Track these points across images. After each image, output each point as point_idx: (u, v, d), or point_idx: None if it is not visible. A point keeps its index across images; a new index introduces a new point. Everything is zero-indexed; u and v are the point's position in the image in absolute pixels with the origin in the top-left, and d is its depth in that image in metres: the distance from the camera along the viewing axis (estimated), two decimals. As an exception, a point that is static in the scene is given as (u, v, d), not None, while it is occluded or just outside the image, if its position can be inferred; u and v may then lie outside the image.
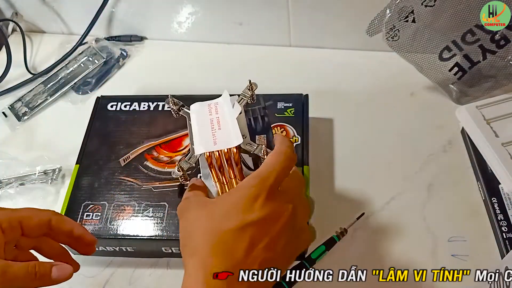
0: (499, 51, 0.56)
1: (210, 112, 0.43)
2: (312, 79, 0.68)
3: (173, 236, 0.49)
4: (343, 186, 0.56)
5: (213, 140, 0.41)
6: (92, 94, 0.70)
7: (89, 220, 0.51)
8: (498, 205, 0.50)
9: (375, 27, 0.57)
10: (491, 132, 0.54)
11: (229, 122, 0.42)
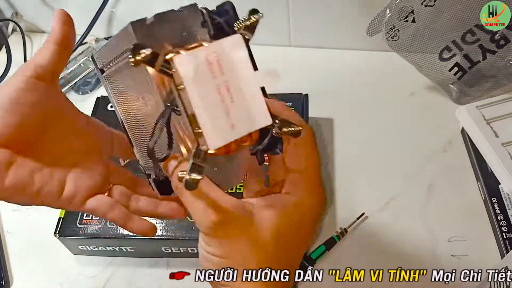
0: (499, 51, 0.56)
1: (213, 74, 0.26)
2: (312, 79, 0.68)
3: (173, 236, 0.49)
4: (343, 186, 0.56)
5: (230, 123, 0.26)
6: (92, 94, 0.70)
7: (89, 220, 0.50)
8: (498, 205, 0.50)
9: (375, 27, 0.57)
10: (491, 132, 0.54)
11: (243, 85, 0.27)
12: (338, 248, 0.50)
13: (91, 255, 0.52)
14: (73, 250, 0.53)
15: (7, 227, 0.57)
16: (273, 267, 0.31)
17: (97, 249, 0.51)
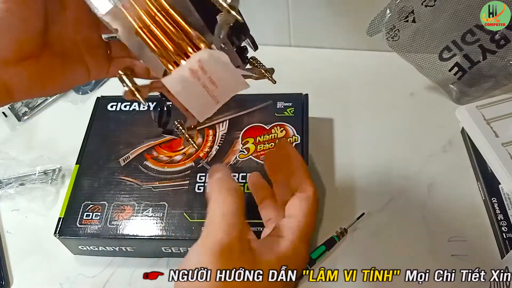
0: (499, 51, 0.56)
1: (197, 78, 0.31)
2: (312, 79, 0.68)
3: (173, 236, 0.49)
4: (343, 186, 0.55)
5: (215, 100, 0.33)
6: (92, 94, 0.70)
7: (89, 220, 0.51)
8: (498, 205, 0.50)
9: (375, 27, 0.57)
10: (491, 132, 0.54)
11: (224, 73, 0.32)
12: (338, 248, 0.50)
13: (91, 255, 0.52)
14: (73, 250, 0.53)
15: (7, 227, 0.57)
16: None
17: (97, 249, 0.51)
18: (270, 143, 0.54)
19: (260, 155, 0.53)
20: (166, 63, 0.31)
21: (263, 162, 0.51)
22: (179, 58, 0.31)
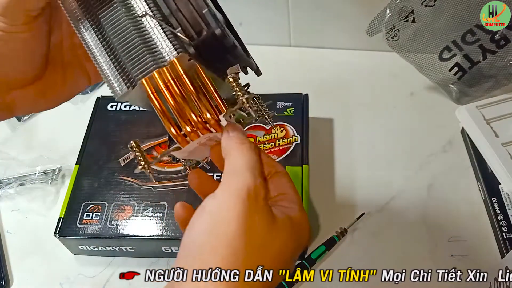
0: (499, 51, 0.56)
1: (203, 144, 0.33)
2: (312, 79, 0.68)
3: (172, 236, 0.49)
4: (343, 186, 0.55)
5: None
6: (92, 94, 0.70)
7: (89, 220, 0.50)
8: (498, 205, 0.50)
9: (375, 27, 0.57)
10: (491, 132, 0.54)
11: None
12: (338, 248, 0.50)
13: (91, 255, 0.52)
14: (73, 250, 0.53)
15: (7, 227, 0.57)
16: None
17: (97, 249, 0.51)
18: (270, 143, 0.54)
19: (260, 155, 0.53)
20: (169, 126, 0.31)
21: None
22: (183, 124, 0.30)
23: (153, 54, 0.28)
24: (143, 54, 0.28)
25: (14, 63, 0.31)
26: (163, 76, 0.29)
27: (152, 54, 0.28)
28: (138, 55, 0.28)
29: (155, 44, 0.28)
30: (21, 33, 0.30)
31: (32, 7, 0.29)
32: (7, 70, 0.32)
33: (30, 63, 0.32)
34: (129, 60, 0.28)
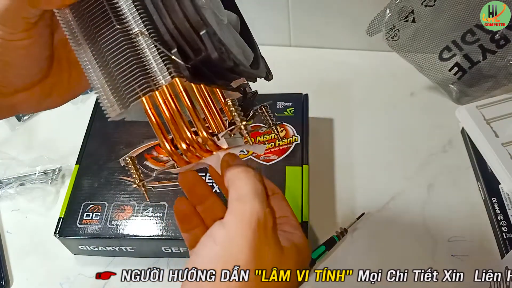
0: (499, 51, 0.56)
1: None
2: (312, 79, 0.68)
3: (172, 236, 0.49)
4: (343, 186, 0.56)
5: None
6: (92, 94, 0.70)
7: (89, 220, 0.50)
8: (498, 205, 0.50)
9: (375, 27, 0.57)
10: (491, 132, 0.54)
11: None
12: (338, 248, 0.50)
13: (91, 255, 0.52)
14: (73, 250, 0.53)
15: (7, 227, 0.57)
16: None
17: (97, 249, 0.51)
18: (270, 143, 0.54)
19: (260, 155, 0.53)
20: (164, 143, 0.29)
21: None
22: (179, 141, 0.29)
23: (147, 76, 0.27)
24: (136, 76, 0.27)
25: (18, 69, 0.31)
26: (161, 94, 0.28)
27: (146, 76, 0.27)
28: (132, 77, 0.27)
29: (150, 66, 0.27)
30: (22, 40, 0.30)
31: (29, 14, 0.29)
32: (11, 76, 0.31)
33: (34, 67, 0.32)
34: (123, 81, 0.27)
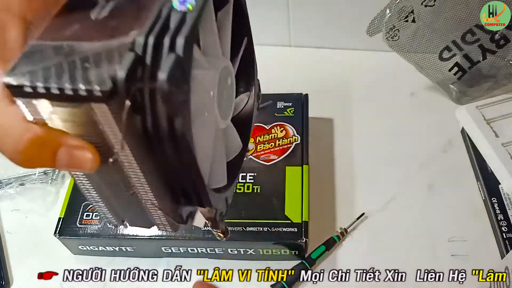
0: (499, 51, 0.56)
1: None
2: (312, 79, 0.68)
3: (173, 236, 0.49)
4: (343, 186, 0.56)
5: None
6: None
7: (89, 220, 0.50)
8: (498, 205, 0.50)
9: (375, 27, 0.57)
10: (491, 132, 0.54)
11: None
12: (338, 248, 0.50)
13: (91, 255, 0.52)
14: (73, 250, 0.53)
15: (7, 227, 0.57)
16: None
17: (97, 249, 0.51)
18: (270, 143, 0.54)
19: (260, 155, 0.53)
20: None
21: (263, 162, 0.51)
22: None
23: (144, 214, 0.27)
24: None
25: None
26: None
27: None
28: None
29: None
30: None
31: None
32: None
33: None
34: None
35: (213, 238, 0.48)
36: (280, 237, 0.47)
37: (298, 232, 0.47)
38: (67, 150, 0.22)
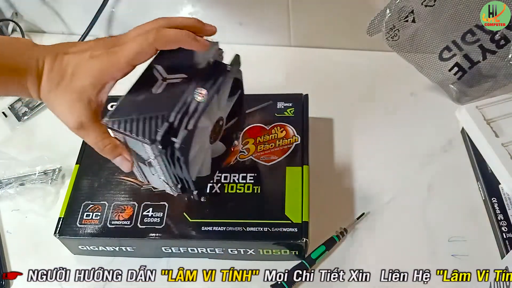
0: (499, 51, 0.56)
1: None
2: (312, 79, 0.68)
3: (172, 236, 0.49)
4: (343, 186, 0.56)
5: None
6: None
7: (89, 220, 0.51)
8: (498, 205, 0.50)
9: (375, 27, 0.57)
10: (491, 132, 0.54)
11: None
12: (338, 248, 0.50)
13: (91, 255, 0.52)
14: (73, 250, 0.53)
15: (7, 227, 0.57)
16: None
17: (97, 249, 0.51)
18: (270, 143, 0.54)
19: (261, 156, 0.53)
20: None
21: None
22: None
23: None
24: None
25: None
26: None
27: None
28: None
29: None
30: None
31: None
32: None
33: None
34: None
35: (213, 238, 0.48)
36: (280, 237, 0.47)
37: (298, 232, 0.47)
38: (122, 157, 0.42)
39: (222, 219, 0.49)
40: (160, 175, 0.43)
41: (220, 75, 0.41)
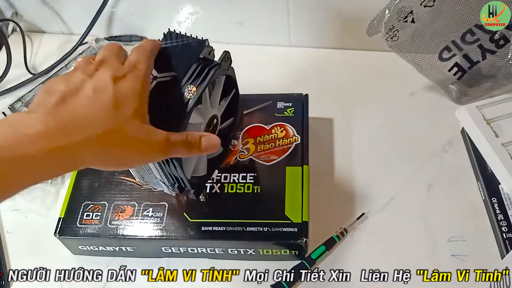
0: (498, 51, 0.56)
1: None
2: (312, 79, 0.68)
3: (173, 236, 0.49)
4: (343, 186, 0.56)
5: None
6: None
7: (89, 220, 0.51)
8: (498, 205, 0.50)
9: (375, 27, 0.57)
10: (491, 132, 0.54)
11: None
12: (338, 248, 0.50)
13: (91, 255, 0.52)
14: (73, 250, 0.53)
15: (7, 227, 0.57)
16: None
17: (97, 249, 0.51)
18: (270, 143, 0.54)
19: (260, 156, 0.53)
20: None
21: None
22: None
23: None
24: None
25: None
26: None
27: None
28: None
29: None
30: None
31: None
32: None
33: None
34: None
35: (213, 238, 0.48)
36: (280, 237, 0.47)
37: (298, 232, 0.47)
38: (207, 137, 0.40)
39: (222, 219, 0.49)
40: (156, 174, 0.43)
41: (209, 71, 0.41)
